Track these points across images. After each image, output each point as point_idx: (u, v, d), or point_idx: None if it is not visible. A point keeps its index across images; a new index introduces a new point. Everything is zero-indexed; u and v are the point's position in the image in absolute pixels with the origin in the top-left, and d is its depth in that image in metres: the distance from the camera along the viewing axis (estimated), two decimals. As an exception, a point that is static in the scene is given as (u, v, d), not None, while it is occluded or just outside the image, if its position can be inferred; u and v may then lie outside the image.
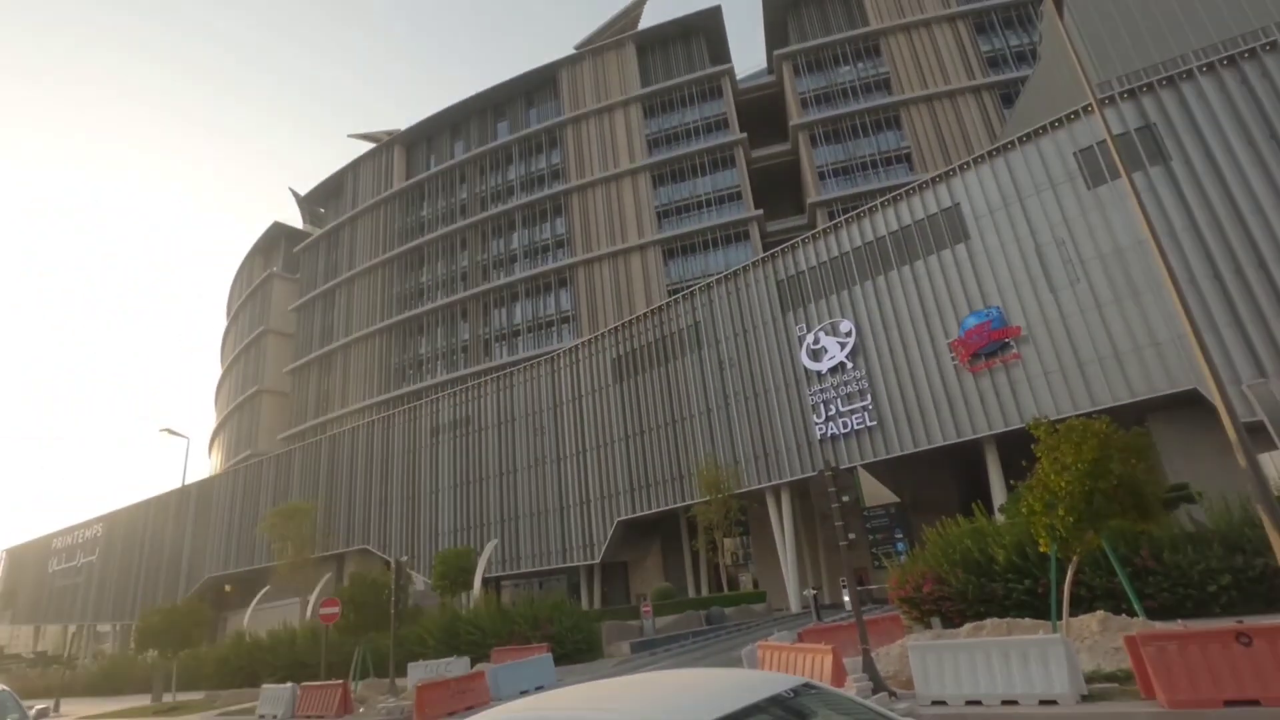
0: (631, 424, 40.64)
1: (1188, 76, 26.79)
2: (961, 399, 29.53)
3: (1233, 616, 12.05)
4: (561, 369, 45.15)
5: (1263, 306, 23.48)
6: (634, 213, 57.16)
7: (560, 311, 57.83)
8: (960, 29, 54.65)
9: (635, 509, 39.32)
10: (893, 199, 33.47)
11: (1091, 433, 10.17)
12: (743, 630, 22.98)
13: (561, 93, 64.69)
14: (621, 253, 56.33)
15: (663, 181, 58.32)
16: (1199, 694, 7.27)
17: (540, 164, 63.80)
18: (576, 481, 42.38)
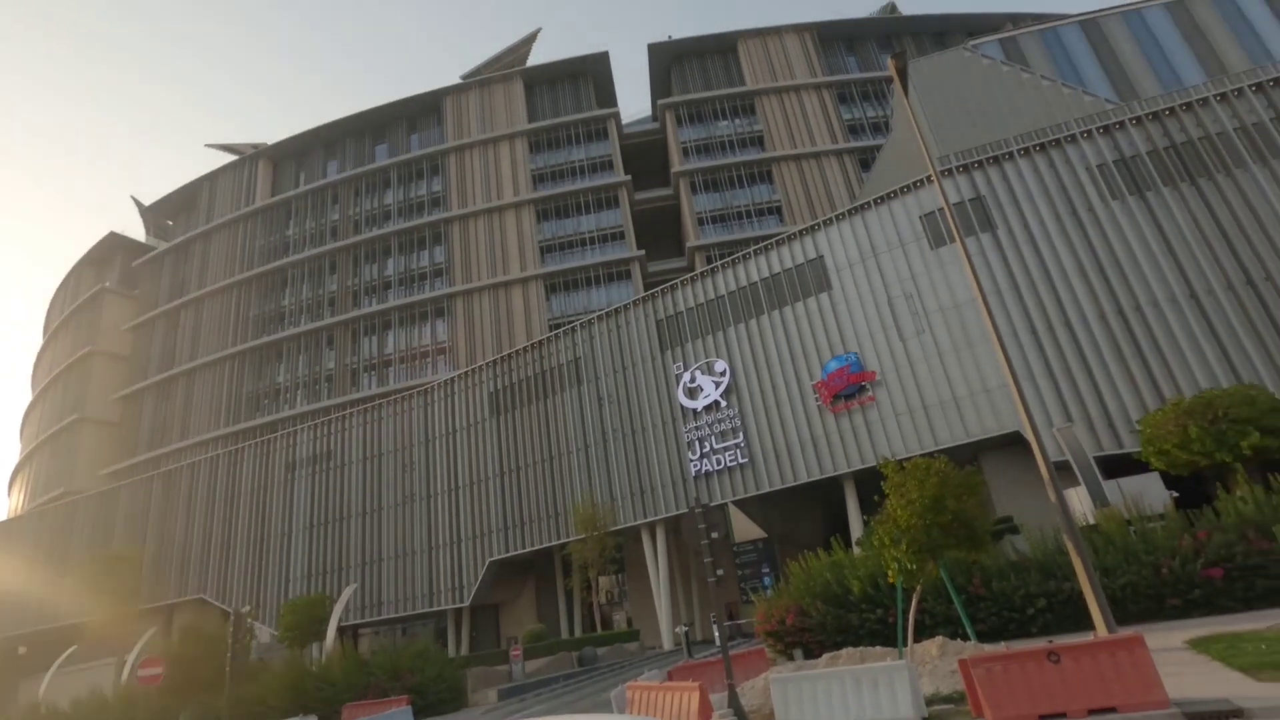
0: (508, 460, 39.71)
1: (1009, 158, 30.76)
2: (824, 438, 31.40)
3: (1047, 636, 13.49)
4: (435, 402, 43.49)
5: (1068, 360, 27.00)
6: (517, 245, 56.84)
7: (436, 342, 55.91)
8: (825, 97, 59.79)
9: (509, 548, 38.18)
10: (764, 248, 35.54)
11: (932, 471, 11.15)
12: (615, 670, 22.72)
13: (446, 120, 63.70)
14: (503, 285, 55.65)
15: (547, 216, 58.60)
16: (1019, 710, 8.04)
17: (420, 190, 62.12)
18: (447, 520, 40.60)
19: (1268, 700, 7.34)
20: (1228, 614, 12.54)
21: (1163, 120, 29.38)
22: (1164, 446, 15.82)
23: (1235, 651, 9.31)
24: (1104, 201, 28.84)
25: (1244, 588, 12.63)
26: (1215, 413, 15.16)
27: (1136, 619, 13.27)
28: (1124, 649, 7.99)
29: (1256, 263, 26.00)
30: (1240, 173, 27.56)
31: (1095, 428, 25.58)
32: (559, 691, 20.17)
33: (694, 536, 10.84)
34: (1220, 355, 25.04)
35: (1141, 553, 13.31)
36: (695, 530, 10.83)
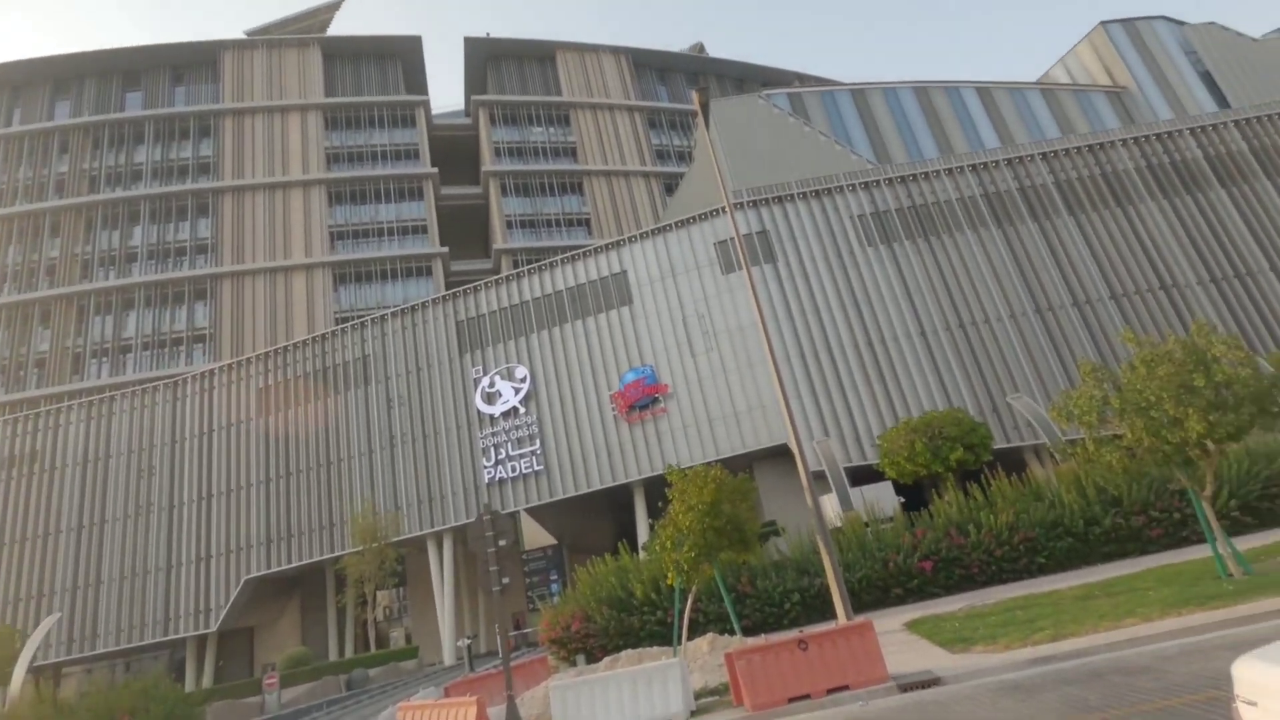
0: (276, 465, 35.59)
1: (790, 199, 34.38)
2: (618, 447, 32.37)
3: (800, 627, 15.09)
4: (188, 396, 37.72)
5: (828, 382, 30.72)
6: (303, 228, 51.51)
7: (194, 328, 48.55)
8: (637, 120, 62.37)
9: (271, 564, 34.11)
10: (571, 258, 35.96)
11: (710, 478, 11.95)
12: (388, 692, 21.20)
13: (223, 78, 55.99)
14: (283, 270, 50.02)
15: (341, 200, 53.93)
16: (773, 696, 8.86)
17: (184, 152, 53.80)
18: (194, 533, 35.28)
19: (957, 669, 8.86)
20: (935, 599, 15.05)
21: (908, 184, 34.80)
22: (896, 459, 18.65)
23: (938, 630, 11.15)
24: (862, 246, 33.36)
25: (946, 576, 15.27)
26: (934, 431, 18.23)
27: (869, 607, 15.38)
28: (857, 634, 9.18)
29: (966, 309, 31.73)
30: (959, 235, 33.53)
31: (846, 442, 29.38)
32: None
33: (480, 544, 10.50)
34: (939, 383, 30.11)
35: (875, 550, 15.53)
36: (481, 538, 10.49)
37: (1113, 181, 34.19)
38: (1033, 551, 15.16)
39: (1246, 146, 34.38)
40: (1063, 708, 6.45)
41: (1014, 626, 10.29)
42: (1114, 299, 31.47)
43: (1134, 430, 9.99)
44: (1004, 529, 15.13)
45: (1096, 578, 13.13)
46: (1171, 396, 9.60)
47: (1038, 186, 34.47)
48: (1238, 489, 14.91)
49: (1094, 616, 9.89)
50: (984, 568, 15.18)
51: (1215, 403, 9.47)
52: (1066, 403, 10.64)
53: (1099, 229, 33.08)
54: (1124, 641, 8.63)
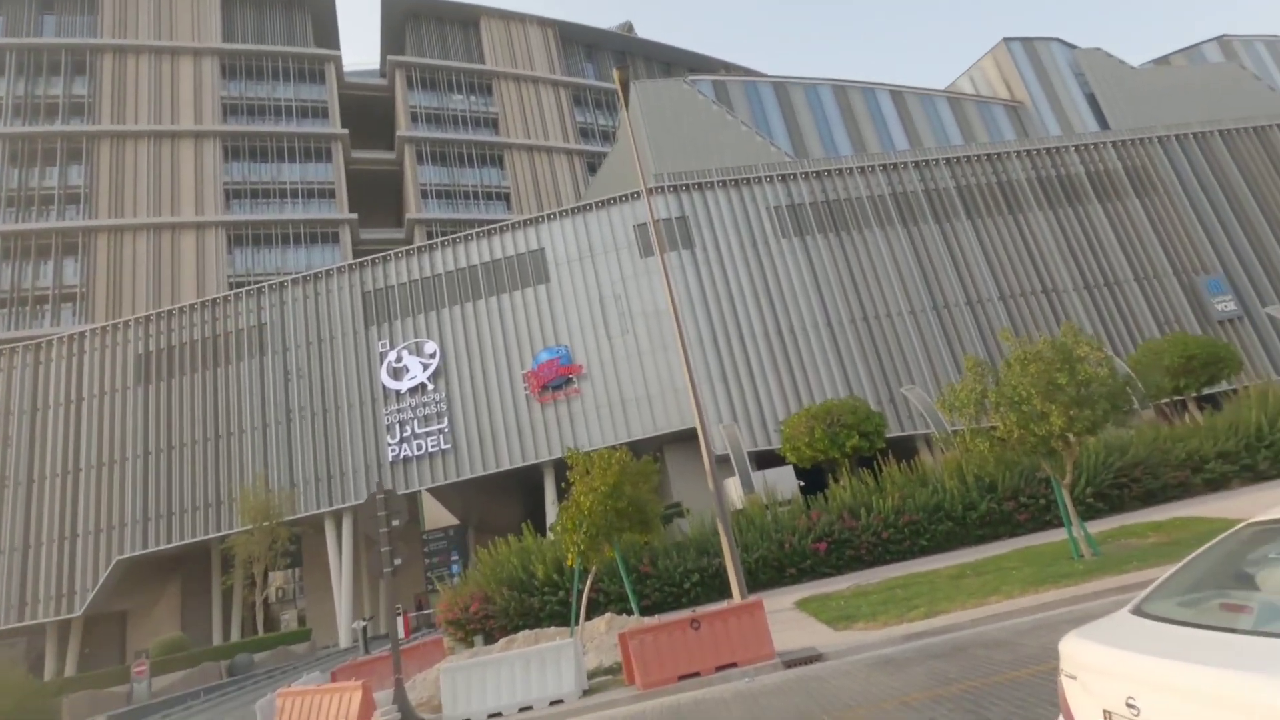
0: (158, 437, 33.07)
1: (710, 186, 34.75)
2: (530, 426, 32.00)
3: (698, 606, 15.45)
4: (54, 360, 34.37)
5: (739, 368, 31.44)
6: (194, 183, 47.63)
7: (62, 286, 44.11)
8: (562, 96, 61.17)
9: (149, 543, 31.76)
10: (488, 232, 35.03)
11: (614, 461, 11.96)
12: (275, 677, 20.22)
13: (102, 9, 50.61)
14: (170, 227, 46.15)
15: (238, 156, 50.19)
16: (664, 674, 9.02)
17: (54, 89, 48.43)
18: (58, 511, 32.34)
19: (839, 645, 9.31)
20: (826, 578, 15.78)
21: (823, 179, 35.88)
22: (797, 444, 19.36)
23: (824, 609, 11.68)
24: (776, 238, 34.19)
25: (837, 557, 16.03)
26: (832, 418, 19.03)
27: (765, 586, 15.94)
28: (747, 613, 9.46)
29: (871, 303, 33.18)
30: (868, 231, 34.93)
31: (753, 426, 30.21)
32: (195, 709, 17.24)
33: (372, 525, 10.08)
34: (842, 373, 31.43)
35: (772, 531, 16.09)
36: (374, 518, 10.08)
37: (1007, 190, 36.52)
38: (916, 534, 16.15)
39: (1122, 166, 37.51)
40: (927, 680, 6.88)
41: (893, 605, 10.91)
42: (1002, 299, 33.74)
43: (1006, 422, 10.74)
44: (891, 512, 16.03)
45: (971, 558, 14.12)
46: (1040, 392, 10.38)
47: (941, 190, 36.35)
48: (1094, 478, 16.41)
49: (964, 594, 10.62)
50: (872, 549, 16.05)
51: (1076, 399, 10.32)
52: (950, 395, 11.32)
53: (992, 234, 35.31)
54: (987, 618, 9.31)
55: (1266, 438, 17.29)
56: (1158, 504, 16.78)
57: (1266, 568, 2.72)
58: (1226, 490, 17.04)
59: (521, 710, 9.16)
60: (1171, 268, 35.05)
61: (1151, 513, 15.55)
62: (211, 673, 21.86)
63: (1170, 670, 2.24)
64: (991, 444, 11.21)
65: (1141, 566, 10.28)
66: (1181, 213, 36.29)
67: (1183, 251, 35.48)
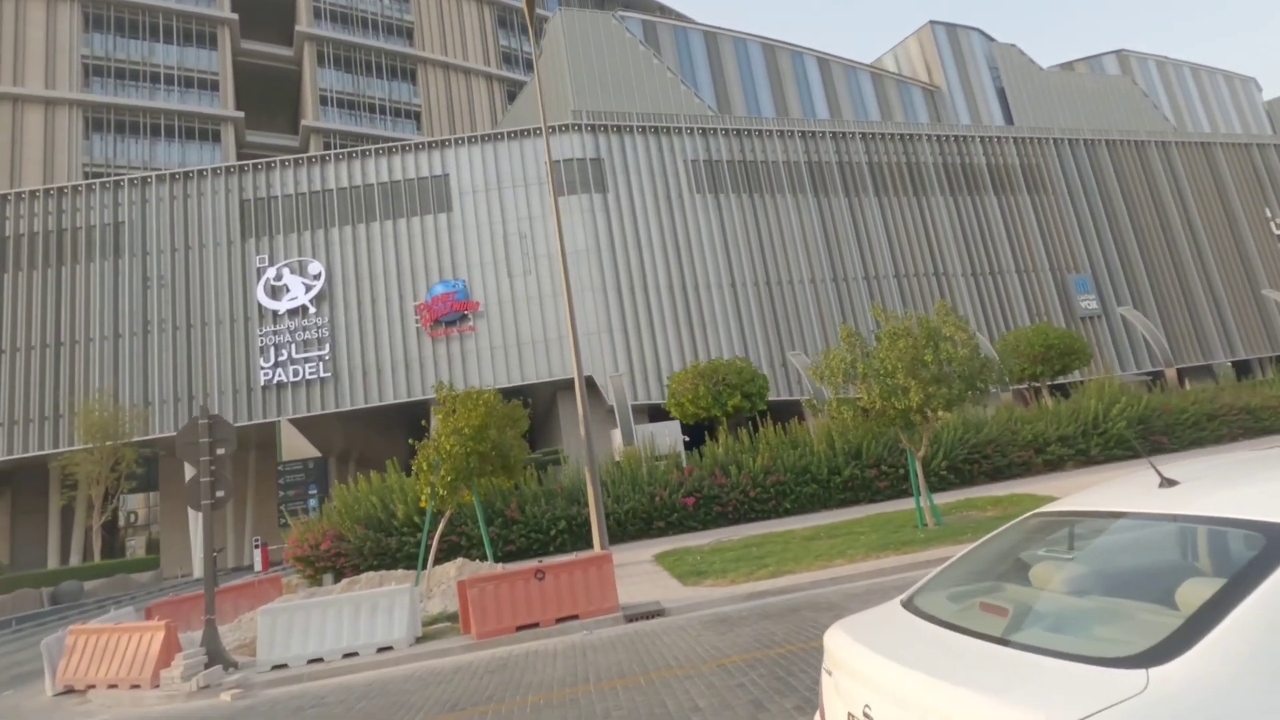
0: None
1: (629, 131, 33.64)
2: (418, 361, 30.62)
3: (567, 553, 15.31)
4: None
5: (640, 319, 31.16)
6: (44, 50, 41.40)
7: None
8: (486, 15, 57.24)
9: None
10: (388, 150, 32.66)
11: (482, 402, 11.35)
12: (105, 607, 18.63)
13: None
14: (11, 98, 40.10)
15: (101, 27, 43.94)
16: (501, 624, 8.72)
17: None
18: None
19: (683, 601, 9.31)
20: (692, 532, 16.02)
21: (742, 138, 35.52)
22: (682, 400, 19.41)
23: (679, 563, 11.75)
24: (690, 192, 33.72)
25: (705, 513, 16.28)
26: (718, 377, 19.14)
27: (633, 537, 16.01)
28: (594, 566, 9.27)
29: (775, 268, 33.57)
30: (780, 196, 35.04)
31: (649, 379, 30.18)
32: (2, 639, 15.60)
33: (190, 451, 9.06)
34: (740, 334, 31.83)
35: (645, 484, 16.10)
36: (192, 444, 9.06)
37: (914, 172, 37.57)
38: (782, 495, 16.62)
39: (1019, 162, 39.38)
40: (752, 642, 6.89)
41: (745, 563, 11.08)
42: (897, 277, 35.02)
43: (871, 394, 10.95)
44: (761, 472, 16.39)
45: (828, 521, 14.65)
46: (904, 368, 10.59)
47: (853, 164, 36.91)
48: (949, 452, 17.42)
49: (811, 556, 10.91)
50: (738, 507, 16.39)
51: (936, 376, 10.62)
52: (823, 363, 11.42)
53: (896, 213, 36.35)
54: (826, 580, 9.57)
55: (1100, 425, 18.89)
56: (1003, 480, 18.06)
57: (1039, 564, 2.54)
58: (1061, 471, 18.56)
59: (345, 657, 8.64)
60: (1049, 263, 37.49)
61: (995, 488, 16.69)
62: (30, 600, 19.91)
63: (904, 679, 1.99)
64: (855, 413, 11.44)
65: (975, 537, 10.86)
66: (1064, 213, 38.69)
67: (1060, 249, 37.97)
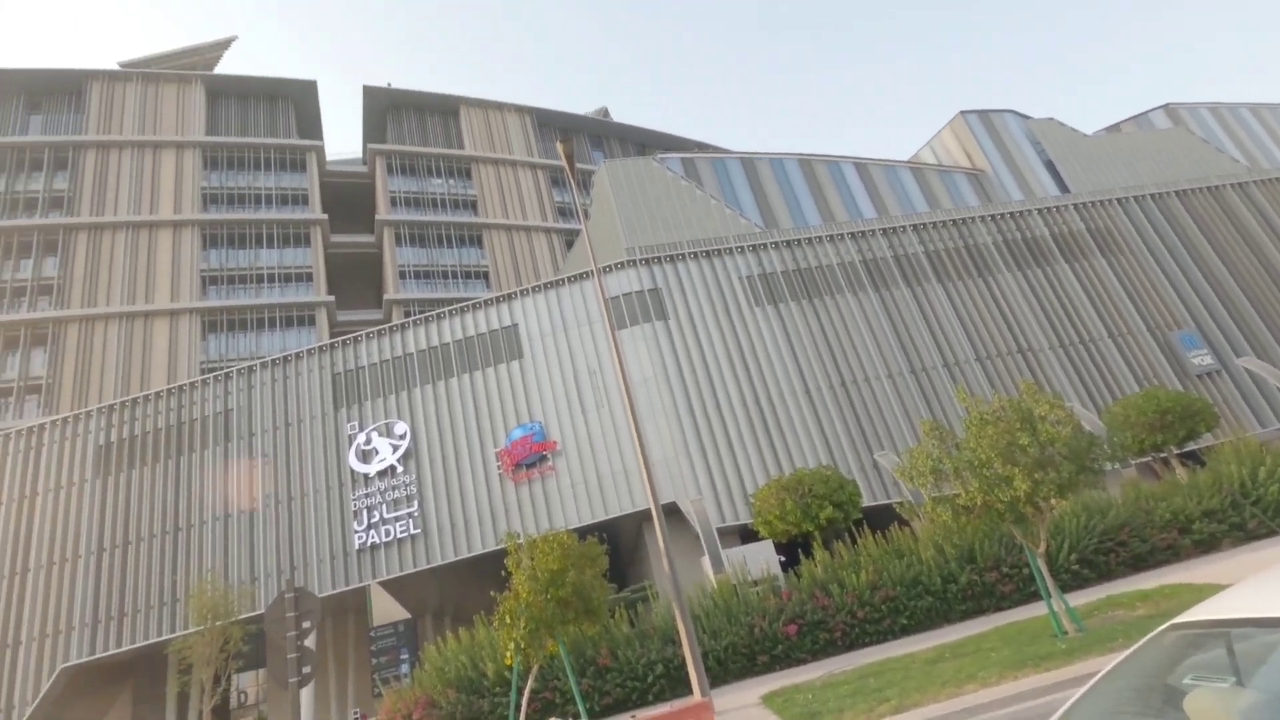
0: (114, 532, 31.55)
1: (682, 258, 34.98)
2: (504, 507, 30.79)
3: (666, 702, 14.19)
4: (9, 455, 33.17)
5: (716, 439, 30.70)
6: (170, 271, 47.72)
7: (28, 377, 43.29)
8: (539, 177, 62.77)
9: (97, 648, 29.74)
10: (460, 309, 34.87)
11: (557, 544, 11.11)
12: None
13: (89, 108, 52.08)
14: (143, 315, 45.87)
15: (216, 243, 50.57)
16: (597, 794, 7.95)
17: (35, 185, 49.13)
18: (2, 617, 30.39)
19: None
20: (800, 665, 14.59)
21: (793, 248, 36.26)
22: (769, 517, 18.46)
23: (790, 704, 10.60)
24: (750, 306, 34.18)
25: (811, 641, 14.88)
26: (803, 489, 18.22)
27: (737, 676, 14.71)
28: (692, 715, 8.47)
29: (848, 368, 32.86)
30: (840, 297, 35.03)
31: (734, 499, 29.16)
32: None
33: (278, 628, 9.11)
34: (823, 441, 30.73)
35: (740, 614, 14.99)
36: (280, 621, 9.12)
37: (974, 253, 36.99)
38: (895, 612, 15.08)
39: (1084, 227, 38.23)
40: (879, 797, 5.94)
41: (863, 697, 9.89)
42: (979, 361, 33.52)
43: (969, 489, 10.07)
44: (865, 588, 15.00)
45: (952, 637, 13.10)
46: (1000, 455, 9.76)
47: (910, 255, 36.77)
48: (1077, 543, 15.56)
49: (937, 683, 9.65)
50: (847, 630, 14.92)
51: (1040, 461, 9.70)
52: (908, 462, 10.68)
53: (964, 296, 35.48)
54: (958, 712, 8.37)
55: (1251, 493, 16.59)
56: (1148, 569, 15.87)
57: (1195, 695, 2.08)
58: (1217, 551, 16.19)
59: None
60: (1145, 324, 35.14)
61: (1140, 579, 14.65)
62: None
63: None
64: (955, 512, 10.49)
65: (1128, 643, 9.41)
66: (1148, 270, 36.74)
67: (1154, 307, 35.69)
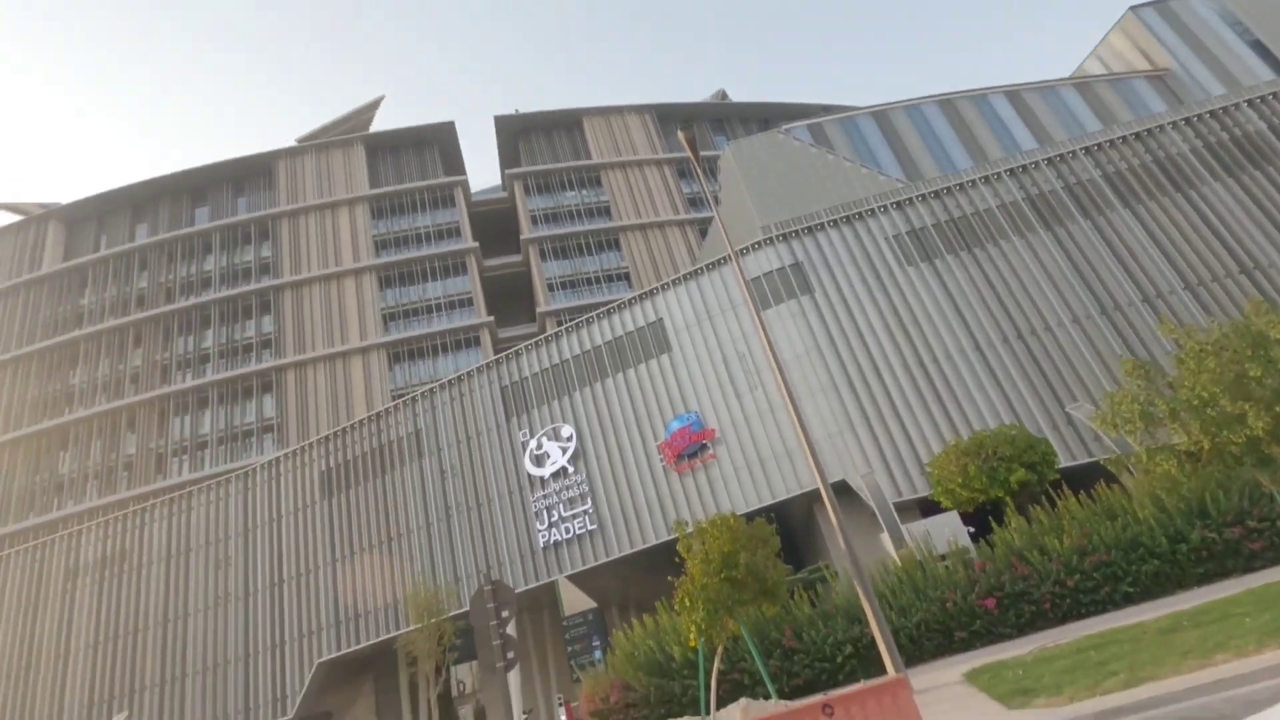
0: (341, 545, 36.24)
1: (821, 228, 33.62)
2: (670, 498, 31.45)
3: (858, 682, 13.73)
4: (258, 485, 39.18)
5: (881, 409, 29.17)
6: (356, 313, 53.92)
7: (262, 419, 50.95)
8: (666, 172, 63.28)
9: (341, 646, 34.37)
10: (607, 311, 36.03)
11: (726, 527, 11.14)
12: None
13: (278, 184, 60.26)
14: (341, 355, 52.24)
15: (390, 284, 56.36)
16: (796, 771, 7.86)
17: (247, 256, 57.70)
18: (268, 620, 36.03)
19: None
20: (1005, 640, 13.45)
21: (942, 198, 33.54)
22: (950, 486, 17.18)
23: (998, 680, 9.82)
24: (901, 266, 32.12)
25: (1015, 614, 13.65)
26: (987, 452, 16.75)
27: (932, 655, 13.89)
28: (889, 694, 8.11)
29: (1024, 318, 29.82)
30: (1005, 243, 31.86)
31: (908, 471, 27.54)
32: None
33: (481, 618, 9.99)
34: (1003, 399, 28.14)
35: (930, 590, 14.10)
36: (483, 611, 9.99)
37: (1168, 166, 32.03)
38: (1114, 579, 13.38)
39: (1316, 110, 31.69)
40: (1115, 777, 5.33)
41: (1083, 671, 8.94)
42: (1187, 289, 28.98)
43: (1190, 432, 8.71)
44: (1072, 554, 13.47)
45: (1189, 604, 11.42)
46: (1227, 390, 8.35)
47: (1085, 182, 32.61)
48: (1350, 487, 12.88)
49: (1176, 654, 8.48)
50: (1056, 601, 13.48)
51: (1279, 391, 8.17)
52: (1109, 409, 9.43)
53: (1159, 217, 30.86)
54: (1209, 685, 7.29)
55: None
56: None
57: None
58: None
59: (646, 816, 8.35)
60: None
61: None
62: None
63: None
64: (1179, 462, 9.12)
65: None
66: None
67: None
